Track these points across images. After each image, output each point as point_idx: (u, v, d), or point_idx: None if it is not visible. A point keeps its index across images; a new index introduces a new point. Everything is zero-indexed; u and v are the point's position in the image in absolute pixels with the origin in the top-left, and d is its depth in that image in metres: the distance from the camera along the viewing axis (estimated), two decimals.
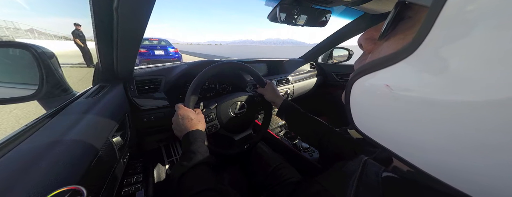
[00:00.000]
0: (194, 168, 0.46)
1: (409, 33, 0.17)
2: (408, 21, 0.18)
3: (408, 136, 0.17)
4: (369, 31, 0.24)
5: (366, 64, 0.19)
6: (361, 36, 0.25)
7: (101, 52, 0.61)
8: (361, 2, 0.72)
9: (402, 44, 0.15)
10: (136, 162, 0.87)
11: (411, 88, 0.15)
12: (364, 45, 0.24)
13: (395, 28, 0.19)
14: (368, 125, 0.22)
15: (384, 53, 0.18)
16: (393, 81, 0.16)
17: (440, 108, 0.13)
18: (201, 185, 0.43)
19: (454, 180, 0.15)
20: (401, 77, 0.16)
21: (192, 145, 0.51)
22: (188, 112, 0.60)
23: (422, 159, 0.17)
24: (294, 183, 0.67)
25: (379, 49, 0.21)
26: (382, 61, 0.17)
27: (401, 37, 0.18)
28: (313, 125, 0.68)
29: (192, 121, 0.58)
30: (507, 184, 0.12)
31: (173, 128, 0.61)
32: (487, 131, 0.12)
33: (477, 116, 0.12)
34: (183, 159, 0.49)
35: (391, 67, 0.16)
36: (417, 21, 0.17)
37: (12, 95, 0.55)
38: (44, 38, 38.96)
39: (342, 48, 1.51)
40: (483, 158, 0.13)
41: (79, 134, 0.40)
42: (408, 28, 0.18)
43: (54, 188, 0.28)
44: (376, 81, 0.18)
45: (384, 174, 0.26)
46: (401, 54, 0.15)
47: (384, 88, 0.17)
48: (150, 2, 0.42)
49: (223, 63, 0.68)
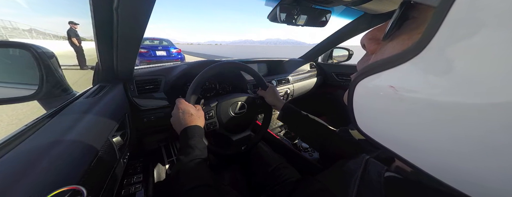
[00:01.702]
0: (191, 163, 0.46)
1: (415, 34, 0.17)
2: (413, 21, 0.18)
3: (412, 138, 0.17)
4: (373, 31, 0.24)
5: (370, 65, 0.19)
6: (364, 36, 0.24)
7: (101, 52, 0.61)
8: (361, 2, 0.72)
9: (408, 45, 0.15)
10: (136, 162, 0.87)
11: (416, 89, 0.15)
12: (367, 45, 0.24)
13: (400, 29, 0.19)
14: (371, 126, 0.22)
15: (389, 54, 0.18)
16: (398, 82, 0.16)
17: (446, 110, 0.13)
18: (198, 180, 0.43)
19: (459, 182, 0.15)
20: (406, 78, 0.15)
21: (190, 140, 0.51)
22: (188, 107, 0.60)
23: (426, 161, 0.17)
24: (294, 183, 0.67)
25: (383, 50, 0.21)
26: (387, 62, 0.17)
27: (406, 37, 0.18)
28: (315, 128, 0.68)
29: (192, 116, 0.58)
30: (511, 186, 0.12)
31: (172, 121, 0.61)
32: (491, 133, 0.12)
33: (483, 118, 0.12)
34: (180, 154, 0.49)
35: (396, 68, 0.16)
36: (423, 21, 0.17)
37: (12, 95, 0.55)
38: (42, 38, 38.70)
39: (342, 48, 1.51)
40: (488, 160, 0.12)
41: (79, 134, 0.40)
42: (413, 29, 0.18)
43: (54, 188, 0.28)
44: (381, 82, 0.18)
45: (386, 174, 0.26)
46: (406, 55, 0.15)
47: (388, 89, 0.17)
48: (150, 2, 0.42)
49: (228, 63, 0.69)
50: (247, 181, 0.81)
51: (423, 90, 0.14)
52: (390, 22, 0.19)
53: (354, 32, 1.16)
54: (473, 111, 0.12)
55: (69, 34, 5.63)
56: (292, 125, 0.76)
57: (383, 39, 0.21)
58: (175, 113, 0.60)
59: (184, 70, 0.91)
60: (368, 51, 0.24)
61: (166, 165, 0.99)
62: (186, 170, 0.45)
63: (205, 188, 0.41)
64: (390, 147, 0.19)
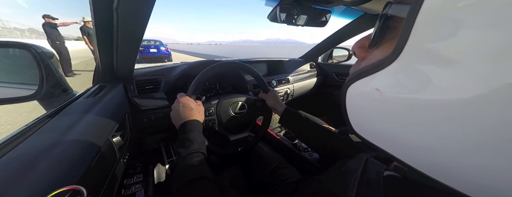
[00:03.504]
0: (190, 156, 0.46)
1: (394, 42, 0.18)
2: (393, 30, 0.20)
3: (400, 137, 0.18)
4: (362, 40, 0.26)
5: (358, 70, 0.21)
6: (354, 45, 0.27)
7: (101, 52, 0.61)
8: (361, 2, 0.72)
9: (389, 52, 0.17)
10: (136, 162, 0.87)
11: (396, 91, 0.17)
12: (357, 53, 0.26)
13: (383, 37, 0.21)
14: (364, 127, 0.23)
15: (374, 60, 0.20)
16: (381, 85, 0.18)
17: (423, 109, 0.15)
18: (196, 172, 0.43)
19: (450, 180, 0.16)
20: (388, 81, 0.17)
21: (189, 134, 0.51)
22: (189, 101, 0.60)
23: (416, 159, 0.18)
24: (295, 183, 0.67)
25: (370, 57, 0.22)
26: (372, 67, 0.19)
27: (388, 45, 0.20)
28: (316, 131, 0.68)
29: (192, 110, 0.58)
30: (502, 182, 0.13)
31: (171, 115, 0.61)
32: (470, 129, 0.13)
33: (456, 115, 0.13)
34: (179, 147, 0.49)
35: (379, 72, 0.18)
36: (400, 30, 0.18)
37: (12, 95, 0.55)
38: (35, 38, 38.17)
39: (342, 48, 1.50)
40: (471, 157, 0.13)
41: (79, 134, 0.40)
42: (393, 37, 0.19)
43: (54, 188, 0.28)
44: (367, 86, 0.20)
45: (385, 173, 0.26)
46: (387, 61, 0.17)
47: (374, 91, 0.18)
48: (150, 2, 0.42)
49: (231, 62, 0.69)
50: (247, 181, 0.81)
51: (402, 92, 0.16)
52: (373, 32, 0.22)
53: (354, 32, 1.16)
54: (447, 110, 0.13)
55: (45, 30, 4.30)
56: (293, 129, 0.76)
57: (369, 47, 0.23)
58: (175, 106, 0.60)
59: (184, 70, 0.91)
60: (358, 58, 0.26)
61: (166, 165, 0.99)
62: (185, 162, 0.45)
63: (204, 180, 0.42)
64: (383, 146, 0.20)
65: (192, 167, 0.44)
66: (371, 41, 0.22)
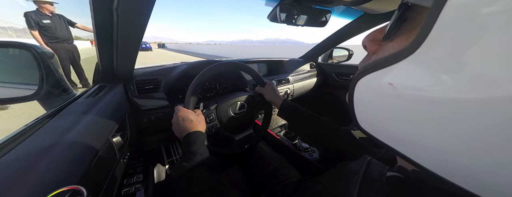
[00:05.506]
0: (193, 169, 0.46)
1: (412, 34, 0.17)
2: (411, 22, 0.19)
3: (411, 134, 0.17)
4: (374, 32, 0.24)
5: (370, 63, 0.20)
6: (365, 38, 0.25)
7: (101, 52, 0.61)
8: (361, 2, 0.72)
9: (405, 45, 0.16)
10: (136, 162, 0.87)
11: (413, 86, 0.15)
12: (369, 46, 0.24)
13: (399, 29, 0.20)
14: (371, 123, 0.22)
15: (388, 53, 0.19)
16: (396, 79, 0.17)
17: (440, 106, 0.14)
18: (200, 186, 0.43)
19: (461, 179, 0.15)
20: (404, 75, 0.16)
21: (192, 146, 0.51)
22: (188, 113, 0.60)
23: (427, 158, 0.17)
24: (295, 183, 0.67)
25: (383, 50, 0.21)
26: (386, 60, 0.17)
27: (404, 37, 0.18)
28: (315, 124, 0.67)
29: (193, 122, 0.58)
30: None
31: (173, 129, 0.60)
32: (488, 129, 0.12)
33: (475, 114, 0.12)
34: (183, 160, 0.49)
35: (394, 65, 0.17)
36: (419, 22, 0.17)
37: (12, 95, 0.55)
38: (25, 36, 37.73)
39: (342, 48, 1.50)
40: (487, 156, 0.13)
41: (79, 134, 0.40)
42: (411, 29, 0.18)
43: (54, 188, 0.28)
44: (380, 80, 0.18)
45: (388, 173, 0.26)
46: (404, 53, 0.15)
47: (387, 86, 0.17)
48: (150, 2, 0.42)
49: (223, 64, 0.68)
50: (247, 181, 0.82)
51: (418, 87, 0.15)
52: (389, 23, 0.20)
53: (354, 32, 1.16)
54: (466, 107, 0.12)
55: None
56: (291, 121, 0.75)
57: (383, 40, 0.21)
58: (175, 121, 0.60)
59: (184, 71, 0.91)
60: (369, 52, 0.25)
61: (166, 165, 0.99)
62: (190, 176, 0.45)
63: (210, 194, 0.42)
64: (390, 144, 0.20)
65: (195, 180, 0.45)
66: (386, 32, 0.20)
